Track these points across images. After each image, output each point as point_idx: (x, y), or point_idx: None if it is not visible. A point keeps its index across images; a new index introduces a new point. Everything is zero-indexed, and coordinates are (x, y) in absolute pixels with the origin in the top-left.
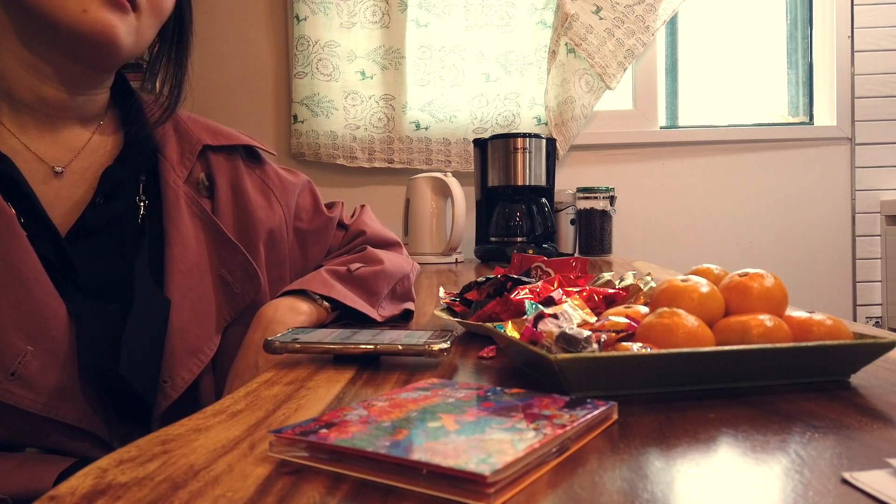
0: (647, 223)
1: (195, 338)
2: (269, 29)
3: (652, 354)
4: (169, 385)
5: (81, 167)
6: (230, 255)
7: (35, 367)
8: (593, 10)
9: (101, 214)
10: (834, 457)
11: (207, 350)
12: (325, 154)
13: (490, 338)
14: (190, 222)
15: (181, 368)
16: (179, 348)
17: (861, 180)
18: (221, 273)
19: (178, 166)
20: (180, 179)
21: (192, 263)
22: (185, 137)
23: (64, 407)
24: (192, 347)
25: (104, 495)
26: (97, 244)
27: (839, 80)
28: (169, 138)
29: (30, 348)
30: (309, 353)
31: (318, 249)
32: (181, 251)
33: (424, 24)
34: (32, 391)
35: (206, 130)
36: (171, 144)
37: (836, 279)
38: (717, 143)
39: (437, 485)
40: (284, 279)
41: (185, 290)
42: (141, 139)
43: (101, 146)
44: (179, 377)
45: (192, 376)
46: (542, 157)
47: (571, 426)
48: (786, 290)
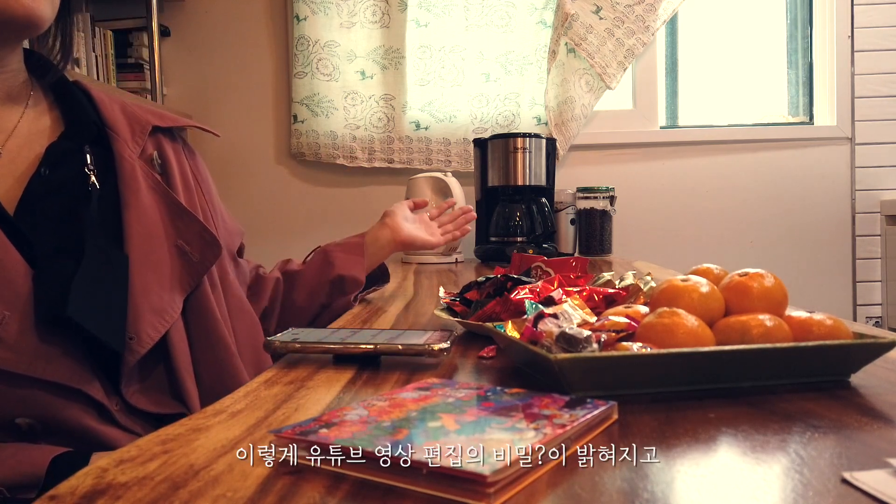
0: (647, 223)
1: (158, 297)
2: (269, 29)
3: (652, 354)
4: (135, 342)
5: (17, 145)
6: (186, 226)
7: (14, 329)
8: (593, 10)
9: (47, 183)
10: (834, 457)
11: (171, 311)
12: (325, 154)
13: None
14: (147, 191)
15: (146, 326)
16: (143, 306)
17: (861, 180)
18: (178, 244)
19: (132, 143)
20: (134, 154)
21: (151, 230)
22: (134, 118)
23: (46, 365)
24: (155, 306)
25: (104, 495)
26: (46, 211)
27: (839, 80)
28: (118, 118)
29: (7, 312)
30: (309, 352)
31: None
32: (140, 216)
33: (424, 24)
34: (14, 352)
35: (151, 113)
36: (121, 124)
37: (836, 279)
38: (717, 143)
39: (437, 485)
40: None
41: (146, 252)
42: (80, 114)
43: (36, 124)
44: (145, 334)
45: (157, 334)
46: (542, 157)
47: (571, 426)
48: (786, 290)
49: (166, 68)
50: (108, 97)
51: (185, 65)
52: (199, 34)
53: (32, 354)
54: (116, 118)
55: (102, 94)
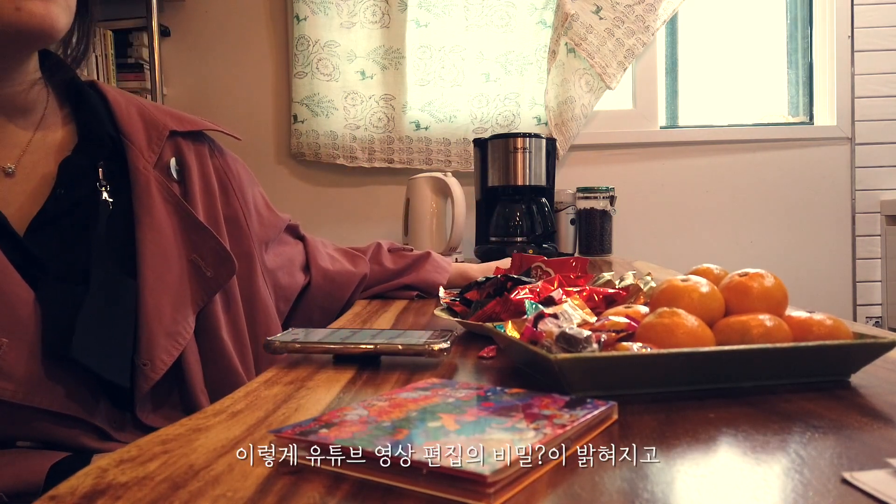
0: (647, 223)
1: (171, 320)
2: (269, 29)
3: (652, 354)
4: (149, 367)
5: (32, 161)
6: (201, 240)
7: (12, 357)
8: (593, 10)
9: (61, 203)
10: (834, 457)
11: (184, 332)
12: (325, 154)
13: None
14: (161, 207)
15: (160, 351)
16: (156, 331)
17: (861, 180)
18: (193, 258)
19: (147, 151)
20: (150, 164)
21: (164, 247)
22: (152, 123)
23: (41, 394)
24: (169, 329)
25: (104, 495)
26: (59, 233)
27: (839, 80)
28: (135, 124)
29: (5, 340)
30: (309, 353)
31: (273, 251)
32: (154, 234)
33: (424, 24)
34: (11, 382)
35: (170, 116)
36: (137, 130)
37: (836, 279)
38: (717, 143)
39: (437, 485)
40: (254, 273)
41: (160, 273)
42: (95, 127)
43: (51, 139)
44: (159, 359)
45: (171, 358)
46: (542, 157)
47: (571, 426)
48: (786, 289)
49: (166, 68)
50: (124, 100)
51: (185, 65)
52: (199, 34)
53: (33, 383)
54: (132, 124)
55: (119, 97)
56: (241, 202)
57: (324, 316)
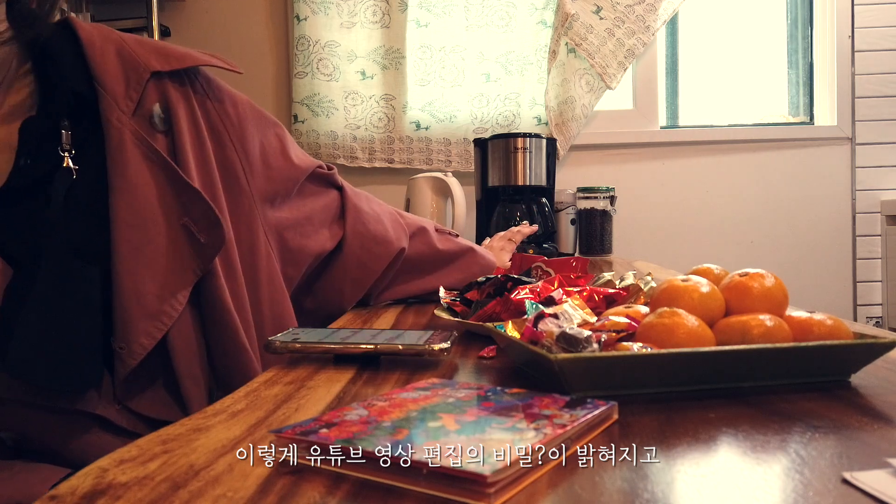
0: (647, 223)
1: (155, 298)
2: (269, 29)
3: (652, 354)
4: (125, 352)
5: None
6: (191, 201)
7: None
8: (593, 10)
9: (25, 177)
10: (834, 457)
11: (170, 310)
12: (326, 154)
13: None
14: (140, 166)
15: (138, 334)
16: (135, 314)
17: (861, 180)
18: (184, 222)
19: (124, 99)
20: (126, 115)
21: (143, 216)
22: (131, 65)
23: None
24: (151, 310)
25: (104, 495)
26: (25, 211)
27: (839, 80)
28: (111, 68)
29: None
30: (309, 353)
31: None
32: (128, 200)
33: (425, 24)
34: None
35: (155, 53)
36: (114, 76)
37: (836, 279)
38: (717, 143)
39: (438, 485)
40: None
41: (137, 246)
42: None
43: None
44: (137, 343)
45: (152, 341)
46: (543, 157)
47: (571, 426)
48: (786, 289)
49: None
50: (101, 39)
51: None
52: (199, 34)
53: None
54: (108, 68)
55: (94, 37)
56: (240, 152)
57: (355, 289)
